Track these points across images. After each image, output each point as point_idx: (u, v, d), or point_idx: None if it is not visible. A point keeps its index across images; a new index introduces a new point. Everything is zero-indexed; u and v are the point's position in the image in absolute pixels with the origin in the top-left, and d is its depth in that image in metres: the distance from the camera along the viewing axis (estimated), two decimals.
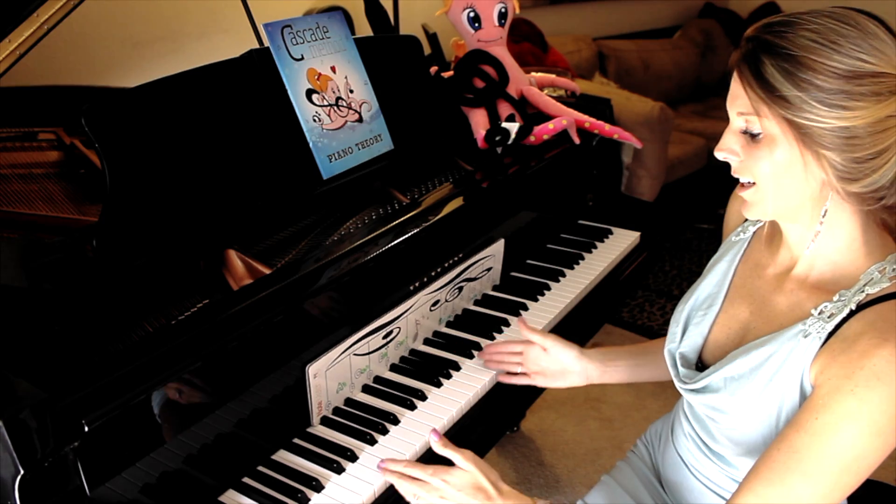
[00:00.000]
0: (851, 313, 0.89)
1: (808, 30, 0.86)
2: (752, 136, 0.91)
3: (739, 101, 0.91)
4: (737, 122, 0.93)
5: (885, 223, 0.95)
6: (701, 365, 1.09)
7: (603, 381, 1.29)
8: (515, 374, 1.33)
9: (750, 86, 0.89)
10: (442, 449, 1.08)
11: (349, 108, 1.36)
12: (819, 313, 0.92)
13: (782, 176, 0.91)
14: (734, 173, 0.96)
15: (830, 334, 0.90)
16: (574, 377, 1.29)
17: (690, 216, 3.76)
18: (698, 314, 1.11)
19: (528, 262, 1.70)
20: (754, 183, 0.94)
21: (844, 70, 0.84)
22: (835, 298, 0.92)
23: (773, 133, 0.89)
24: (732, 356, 0.99)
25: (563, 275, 1.65)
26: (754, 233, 1.12)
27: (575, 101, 1.96)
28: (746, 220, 1.13)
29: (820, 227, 0.93)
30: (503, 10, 1.73)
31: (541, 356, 1.30)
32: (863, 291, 0.90)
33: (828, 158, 0.87)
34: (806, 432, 0.86)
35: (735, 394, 0.98)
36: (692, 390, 1.05)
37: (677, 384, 1.10)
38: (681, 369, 1.08)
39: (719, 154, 0.96)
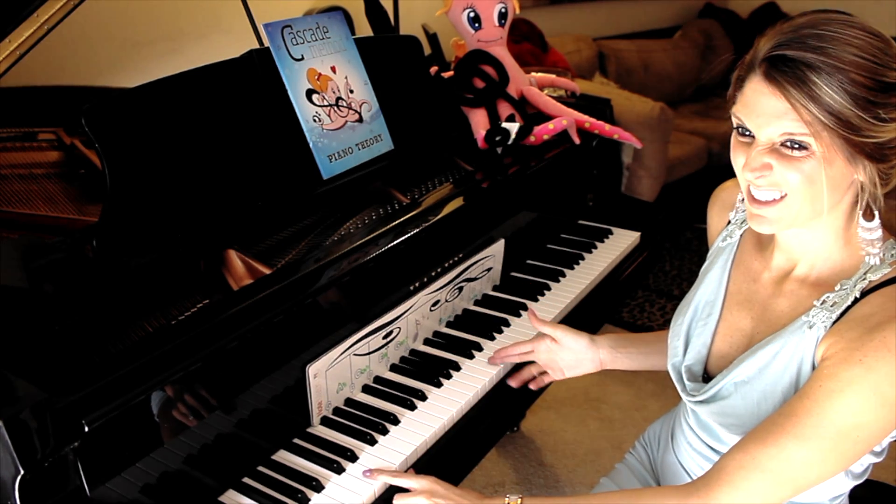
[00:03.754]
0: (856, 300, 0.90)
1: (849, 45, 0.84)
2: (789, 150, 0.88)
3: (785, 122, 0.86)
4: (764, 136, 0.89)
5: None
6: (706, 376, 1.08)
7: (615, 367, 1.29)
8: (533, 378, 1.34)
9: (803, 107, 0.84)
10: (396, 479, 1.06)
11: (349, 108, 1.36)
12: (822, 303, 0.92)
13: (822, 189, 0.88)
14: (761, 188, 0.91)
15: (835, 322, 0.90)
16: (587, 364, 1.29)
17: (690, 216, 3.76)
18: (699, 325, 1.10)
19: (529, 262, 1.70)
20: (783, 197, 0.90)
21: (891, 84, 0.84)
22: (836, 288, 0.92)
23: (828, 151, 0.86)
24: (739, 360, 0.99)
25: (564, 275, 1.65)
26: (741, 236, 1.11)
27: (575, 101, 1.96)
28: (729, 223, 1.13)
29: (827, 230, 0.94)
30: (503, 10, 1.73)
31: (553, 349, 1.30)
32: (865, 279, 0.90)
33: (879, 170, 0.87)
34: (807, 397, 0.86)
35: (746, 397, 0.98)
36: (701, 401, 1.04)
37: (684, 397, 1.09)
38: (687, 383, 1.08)
39: (752, 175, 0.90)
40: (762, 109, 0.88)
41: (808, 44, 0.85)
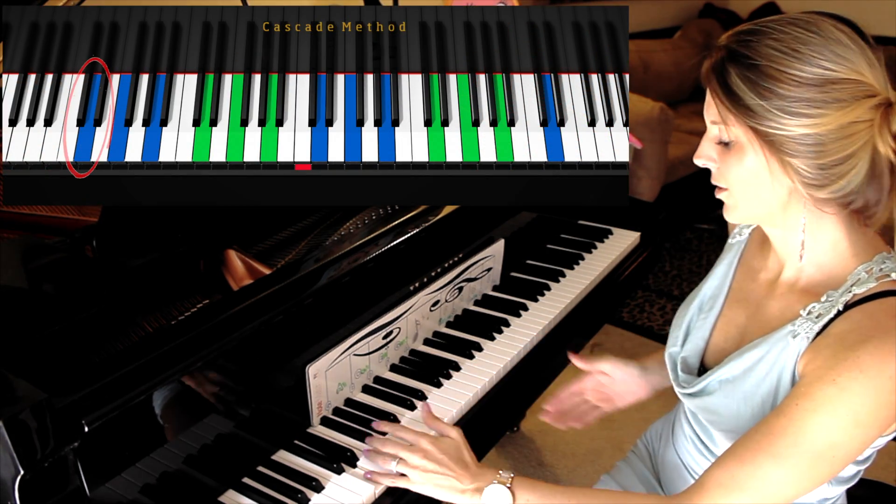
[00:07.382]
0: (839, 313, 0.89)
1: (772, 38, 0.87)
2: (725, 144, 0.93)
3: (711, 109, 0.93)
4: (711, 130, 0.95)
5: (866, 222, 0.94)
6: (702, 369, 1.09)
7: (665, 387, 1.26)
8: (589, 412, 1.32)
9: (717, 95, 0.91)
10: (430, 422, 1.11)
11: None
12: (807, 314, 0.92)
13: (752, 182, 0.92)
14: (713, 180, 0.99)
15: (818, 334, 0.90)
16: (640, 392, 1.28)
17: (690, 216, 3.76)
18: (700, 317, 1.11)
19: (528, 262, 1.70)
20: (726, 188, 0.96)
21: (806, 78, 0.84)
22: (822, 299, 0.92)
23: (742, 141, 0.91)
24: (727, 359, 1.00)
25: (563, 275, 1.65)
26: (750, 234, 1.12)
27: None
28: None
29: (803, 236, 0.95)
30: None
31: (603, 383, 1.28)
32: (850, 291, 0.90)
33: (793, 165, 0.87)
34: (784, 415, 0.87)
35: (729, 396, 0.98)
36: (689, 394, 1.05)
37: (675, 388, 1.10)
38: (680, 374, 1.09)
39: (698, 161, 0.98)
40: (706, 100, 0.95)
41: (740, 39, 0.89)
